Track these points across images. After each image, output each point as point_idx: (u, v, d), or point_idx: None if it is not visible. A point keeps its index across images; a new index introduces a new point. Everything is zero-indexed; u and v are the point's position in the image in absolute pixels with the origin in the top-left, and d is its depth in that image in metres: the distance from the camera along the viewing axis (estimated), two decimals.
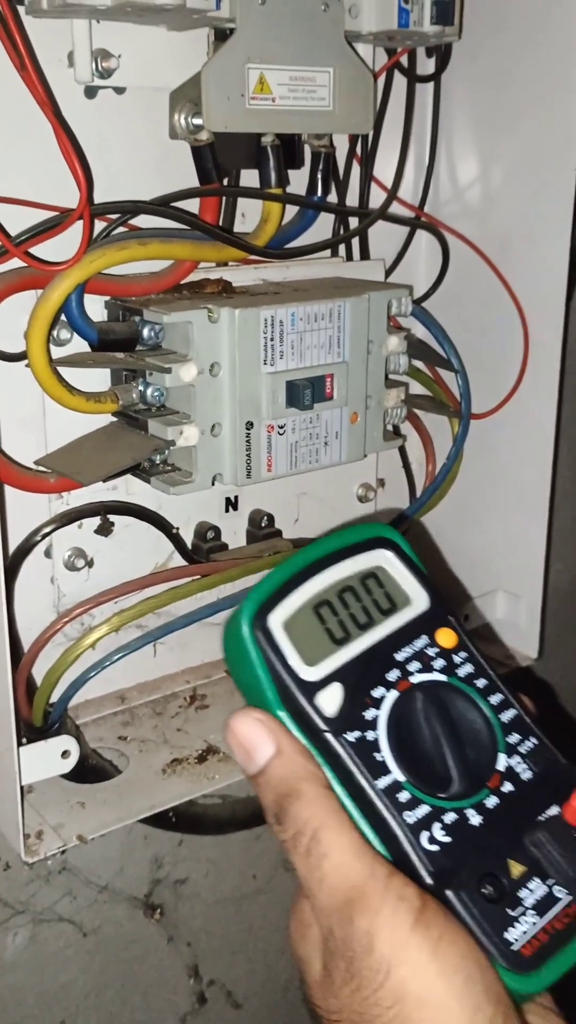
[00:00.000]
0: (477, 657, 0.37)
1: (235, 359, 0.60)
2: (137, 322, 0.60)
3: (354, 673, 0.35)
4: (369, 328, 0.66)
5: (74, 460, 0.60)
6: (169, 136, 0.61)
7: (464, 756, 0.35)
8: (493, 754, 0.36)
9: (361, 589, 0.37)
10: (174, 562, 0.68)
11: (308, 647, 0.35)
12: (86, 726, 0.67)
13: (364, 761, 0.34)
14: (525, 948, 0.32)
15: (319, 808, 0.33)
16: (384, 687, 0.35)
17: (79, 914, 0.71)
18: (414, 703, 0.35)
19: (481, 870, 0.33)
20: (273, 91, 0.60)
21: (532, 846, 0.34)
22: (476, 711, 0.36)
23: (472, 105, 0.75)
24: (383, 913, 0.31)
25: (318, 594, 0.36)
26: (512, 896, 0.33)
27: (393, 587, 0.37)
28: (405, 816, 0.33)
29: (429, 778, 0.34)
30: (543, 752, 0.36)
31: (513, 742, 0.36)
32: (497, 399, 0.75)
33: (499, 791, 0.35)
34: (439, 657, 0.37)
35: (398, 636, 0.37)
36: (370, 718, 0.35)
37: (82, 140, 0.58)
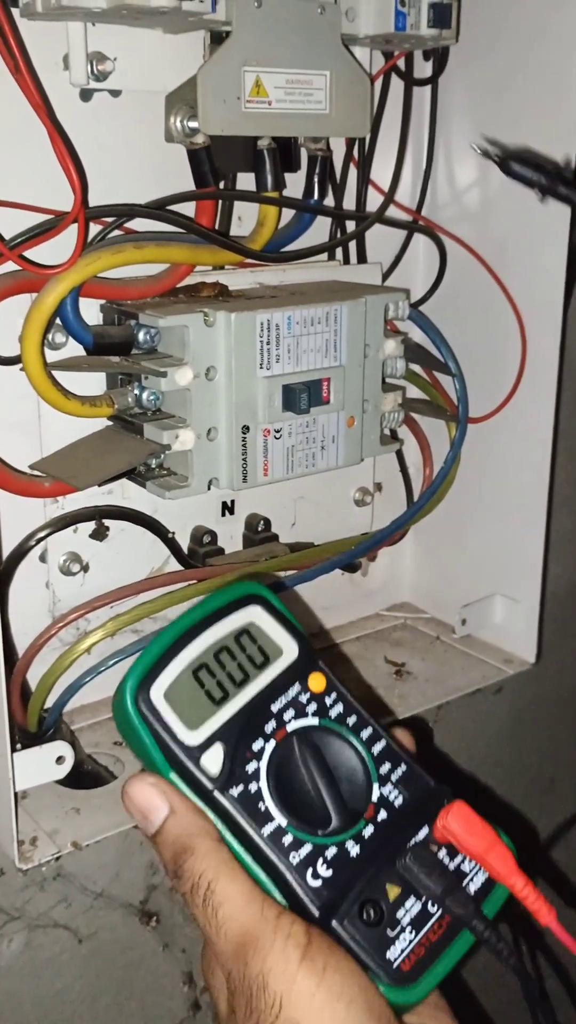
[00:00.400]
0: (346, 696, 0.40)
1: (231, 363, 0.59)
2: (133, 326, 0.59)
3: (234, 730, 0.38)
4: (366, 332, 0.66)
5: (69, 464, 0.60)
6: (165, 139, 0.60)
7: (340, 792, 0.38)
8: (367, 786, 0.39)
9: (236, 647, 0.40)
10: (170, 567, 0.68)
11: (189, 712, 0.38)
12: (81, 731, 0.67)
13: (249, 812, 0.37)
14: (405, 963, 0.36)
15: (211, 861, 0.36)
16: (263, 739, 0.38)
17: (74, 920, 0.71)
18: (291, 750, 0.38)
19: (362, 897, 0.36)
20: (269, 94, 0.59)
21: (405, 868, 0.37)
22: (349, 747, 0.39)
23: (470, 108, 0.75)
24: (273, 953, 0.34)
25: (196, 659, 0.39)
26: (391, 917, 0.36)
27: (265, 640, 0.40)
28: (291, 858, 0.37)
29: (309, 818, 0.37)
30: (413, 777, 0.40)
31: (385, 772, 0.39)
32: (495, 403, 0.75)
33: (375, 820, 0.38)
34: (311, 702, 0.40)
35: (273, 687, 0.40)
36: (251, 771, 0.38)
37: (77, 143, 0.58)
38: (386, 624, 0.85)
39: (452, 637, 0.81)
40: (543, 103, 0.69)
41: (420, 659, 0.80)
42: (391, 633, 0.84)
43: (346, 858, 0.37)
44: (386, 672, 0.78)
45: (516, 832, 0.39)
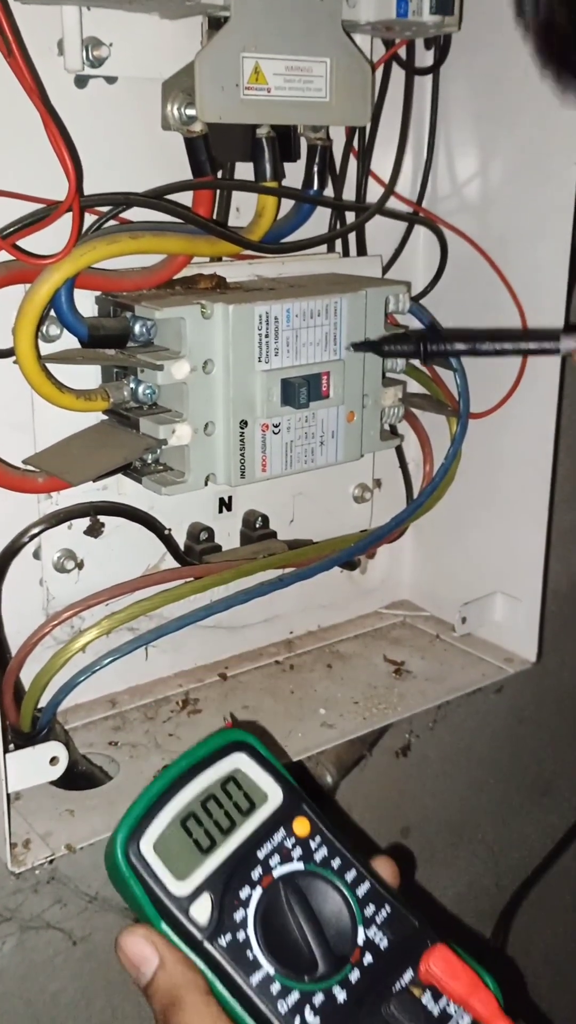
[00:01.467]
0: (330, 839, 0.41)
1: (229, 356, 0.58)
2: (128, 318, 0.58)
3: (221, 878, 0.39)
4: (366, 325, 0.64)
5: (63, 459, 0.59)
6: (162, 127, 0.59)
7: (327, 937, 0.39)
8: (353, 929, 0.39)
9: (222, 794, 0.40)
10: (166, 564, 0.67)
11: (178, 862, 0.38)
12: (76, 731, 0.66)
13: (238, 961, 0.38)
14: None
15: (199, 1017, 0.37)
16: (249, 886, 0.39)
17: (68, 922, 0.70)
18: (278, 896, 0.39)
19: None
20: (268, 81, 0.58)
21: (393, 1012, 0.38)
22: (334, 891, 0.40)
23: (471, 98, 0.74)
24: None
25: (183, 808, 0.39)
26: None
27: (250, 786, 0.41)
28: (279, 1006, 0.37)
29: (297, 965, 0.38)
30: (397, 918, 0.40)
31: (369, 914, 0.40)
32: (496, 398, 0.74)
33: (361, 964, 0.39)
34: (296, 846, 0.40)
35: (258, 834, 0.40)
36: (239, 919, 0.38)
37: (72, 131, 0.57)
38: (385, 622, 0.84)
39: (452, 635, 0.80)
40: (546, 92, 0.68)
41: (420, 658, 0.79)
42: (390, 631, 0.83)
43: (333, 1004, 0.38)
44: (385, 671, 0.77)
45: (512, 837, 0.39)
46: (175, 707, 0.69)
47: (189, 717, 0.69)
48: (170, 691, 0.71)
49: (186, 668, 0.73)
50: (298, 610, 0.78)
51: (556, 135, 0.68)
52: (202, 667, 0.73)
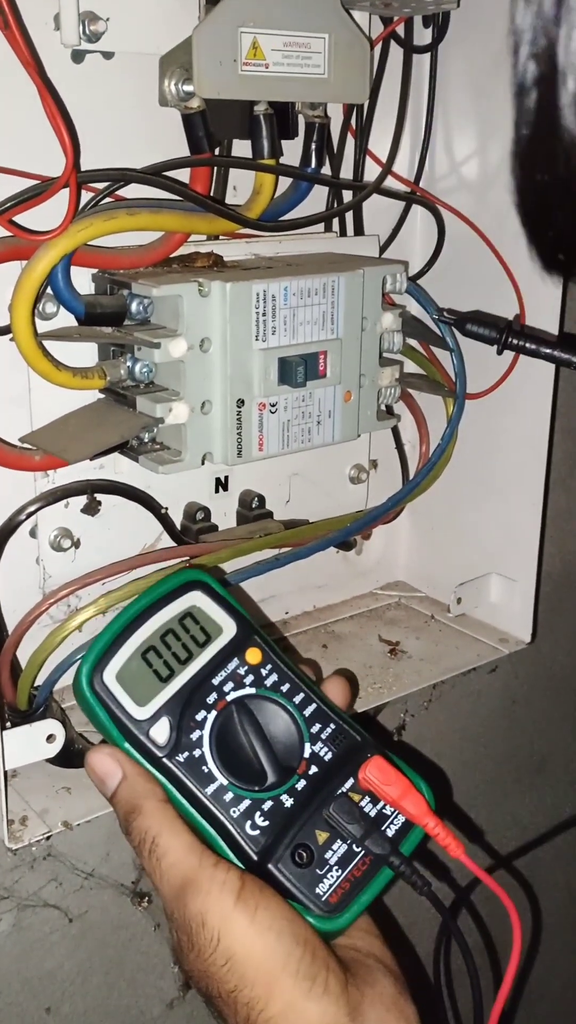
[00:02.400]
0: (280, 666, 0.46)
1: (226, 334, 0.58)
2: (125, 295, 0.58)
3: (179, 704, 0.44)
4: (363, 304, 0.64)
5: (60, 437, 0.59)
6: (159, 103, 0.59)
7: (277, 751, 0.44)
8: (300, 745, 0.44)
9: (180, 629, 0.45)
10: (162, 543, 0.67)
11: (139, 690, 0.43)
12: (72, 710, 0.66)
13: (194, 775, 0.43)
14: (332, 897, 0.42)
15: (155, 819, 0.42)
16: (205, 710, 0.44)
17: (65, 900, 0.70)
18: (231, 717, 0.44)
19: (294, 843, 0.42)
20: (267, 57, 0.58)
21: (330, 816, 0.43)
22: (283, 712, 0.45)
23: (470, 77, 0.73)
24: (211, 895, 0.40)
25: (144, 641, 0.44)
26: (320, 859, 0.42)
27: (206, 621, 0.45)
28: (232, 812, 0.42)
29: (248, 776, 0.43)
30: (342, 733, 0.45)
31: (315, 731, 0.45)
32: (493, 379, 0.73)
33: (307, 774, 0.44)
34: (249, 674, 0.45)
35: (213, 663, 0.45)
36: (195, 738, 0.43)
37: (69, 107, 0.56)
38: (380, 603, 0.84)
39: (447, 616, 0.81)
40: None
41: (415, 638, 0.79)
42: (385, 612, 0.83)
43: (281, 809, 0.43)
44: (380, 651, 0.77)
45: (505, 816, 0.42)
46: None
47: None
48: None
49: None
50: (294, 590, 0.78)
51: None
52: None
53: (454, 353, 0.71)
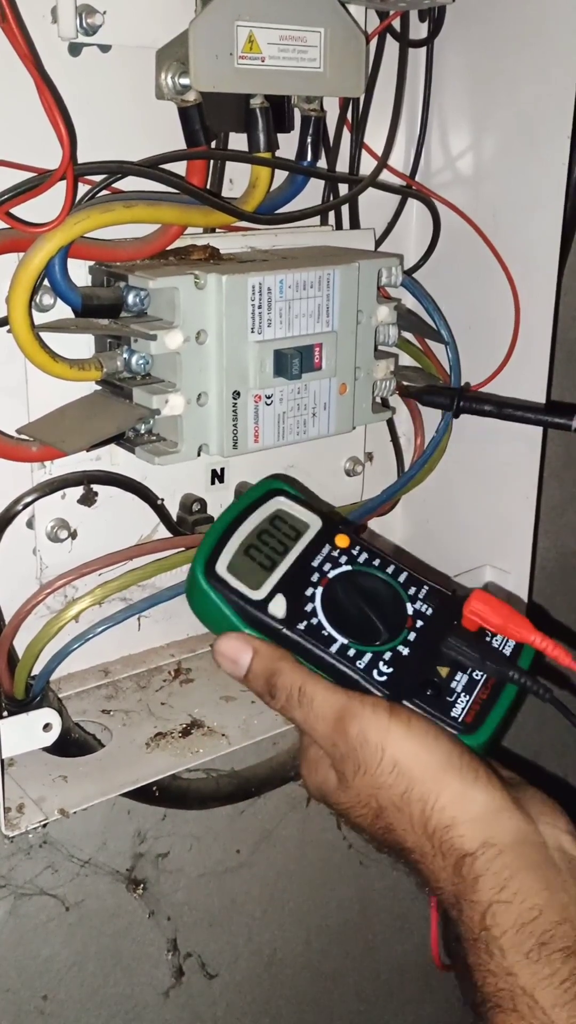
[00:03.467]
0: (369, 547, 0.51)
1: (222, 327, 0.58)
2: (122, 288, 0.58)
3: (287, 584, 0.48)
4: (359, 297, 0.65)
5: (57, 428, 0.59)
6: (155, 96, 0.59)
7: (383, 613, 0.48)
8: (402, 606, 0.49)
9: (272, 528, 0.50)
10: (159, 534, 0.67)
11: (250, 578, 0.48)
12: (69, 699, 0.67)
13: (316, 639, 0.47)
14: (467, 717, 0.45)
15: (296, 674, 0.46)
16: (312, 587, 0.48)
17: (61, 888, 0.71)
18: (336, 590, 0.49)
19: (421, 680, 0.46)
20: (263, 50, 0.58)
21: (449, 652, 0.47)
22: (380, 582, 0.50)
23: (465, 71, 0.73)
24: (366, 716, 0.44)
25: (244, 540, 0.49)
26: (448, 688, 0.46)
27: (293, 520, 0.51)
28: (358, 664, 0.46)
29: (365, 635, 0.47)
30: (435, 592, 0.50)
31: (412, 593, 0.50)
32: (487, 372, 0.74)
33: (415, 627, 0.48)
34: (342, 555, 0.50)
35: (309, 550, 0.50)
36: (309, 609, 0.48)
37: (65, 100, 0.57)
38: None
39: None
40: (540, 65, 0.68)
41: None
42: None
43: (400, 657, 0.47)
44: None
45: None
46: (167, 676, 0.70)
47: (181, 687, 0.69)
48: (162, 661, 0.71)
49: (179, 638, 0.73)
50: None
51: (549, 109, 0.68)
52: (194, 637, 0.74)
53: (449, 346, 0.72)
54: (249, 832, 0.83)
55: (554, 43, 0.67)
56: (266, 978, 0.88)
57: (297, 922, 0.89)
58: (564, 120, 0.67)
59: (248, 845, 0.83)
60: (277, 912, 0.87)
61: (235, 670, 0.47)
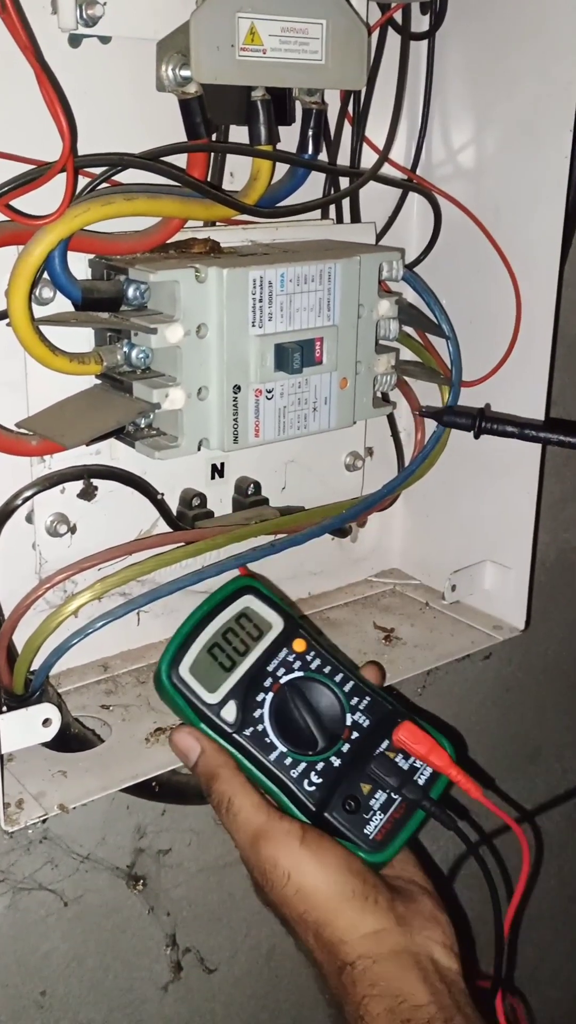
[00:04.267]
0: (322, 652, 0.55)
1: (223, 320, 0.58)
2: (122, 281, 0.58)
3: (242, 688, 0.53)
4: (360, 291, 0.64)
5: (56, 422, 0.59)
6: (156, 88, 0.58)
7: (323, 723, 0.53)
8: (342, 715, 0.54)
9: (237, 627, 0.54)
10: (159, 529, 0.67)
11: (209, 679, 0.53)
12: (68, 694, 0.67)
13: (259, 745, 0.52)
14: (377, 835, 0.51)
15: (229, 784, 0.52)
16: (263, 692, 0.53)
17: (60, 883, 0.71)
18: (285, 697, 0.53)
19: (344, 795, 0.52)
20: (264, 42, 0.58)
21: (375, 770, 0.52)
22: (327, 689, 0.54)
23: (467, 64, 0.73)
24: (280, 842, 0.49)
25: (209, 639, 0.54)
26: (366, 806, 0.52)
27: (258, 619, 0.55)
28: (291, 773, 0.52)
29: (302, 744, 0.53)
30: (376, 704, 0.55)
31: (354, 703, 0.54)
32: (488, 367, 0.74)
33: (350, 739, 0.53)
34: (296, 660, 0.55)
35: (267, 653, 0.54)
36: (257, 715, 0.53)
37: (66, 92, 0.56)
38: (375, 590, 0.84)
39: (441, 603, 0.81)
40: (542, 59, 0.68)
41: (409, 625, 0.79)
42: (380, 599, 0.83)
43: (331, 768, 0.52)
44: (375, 638, 0.77)
45: (498, 804, 0.52)
46: None
47: None
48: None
49: None
50: (289, 577, 0.78)
51: (551, 102, 0.68)
52: None
53: (450, 341, 0.72)
54: None
55: (557, 36, 0.66)
56: (265, 973, 0.88)
57: None
58: (566, 114, 0.67)
59: None
60: None
61: (184, 761, 0.54)
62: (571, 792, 1.10)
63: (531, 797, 1.07)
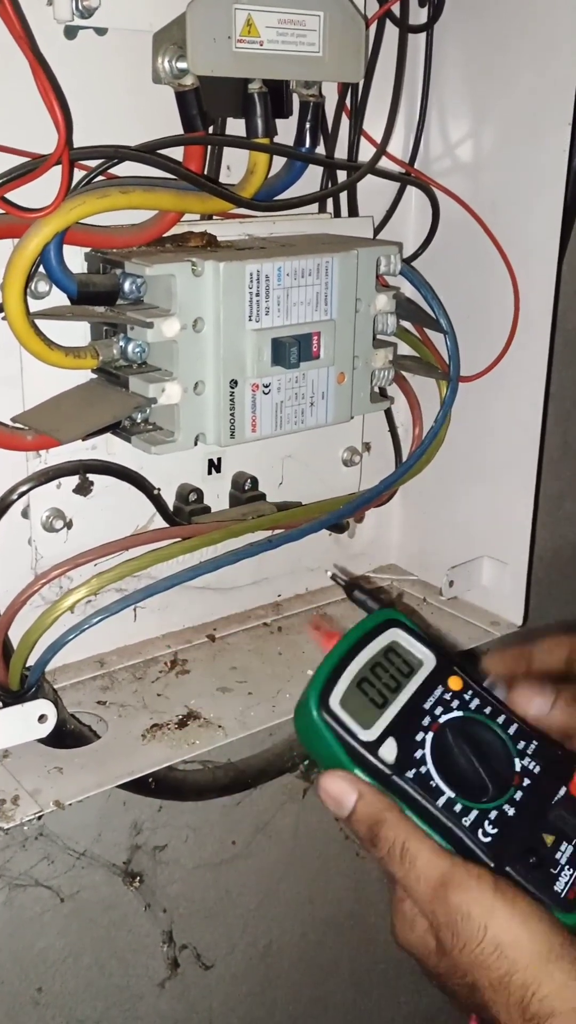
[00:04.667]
0: (481, 692, 0.48)
1: (219, 314, 0.58)
2: (118, 275, 0.58)
3: (399, 726, 0.46)
4: (357, 285, 0.64)
5: (52, 417, 0.58)
6: (152, 81, 0.58)
7: (491, 767, 0.46)
8: (510, 760, 0.47)
9: (385, 662, 0.48)
10: (155, 524, 0.66)
11: (361, 715, 0.46)
12: (64, 691, 0.66)
13: (424, 789, 0.45)
14: (570, 892, 0.43)
15: (401, 828, 0.44)
16: (423, 732, 0.46)
17: (56, 879, 0.70)
18: (446, 737, 0.46)
19: (525, 846, 0.44)
20: (261, 34, 0.57)
21: (556, 820, 0.45)
22: (490, 732, 0.47)
23: (465, 57, 0.73)
24: (471, 889, 0.42)
25: (357, 673, 0.47)
26: (551, 859, 0.44)
27: (407, 654, 0.49)
28: (463, 822, 0.44)
29: (471, 790, 0.45)
30: (545, 749, 0.47)
31: (522, 747, 0.47)
32: (486, 362, 0.73)
33: (522, 786, 0.46)
34: (454, 699, 0.48)
35: (421, 690, 0.48)
36: (419, 756, 0.46)
37: (61, 84, 0.56)
38: (373, 586, 0.84)
39: (439, 599, 0.81)
40: (541, 52, 0.67)
41: None
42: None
43: (505, 818, 0.45)
44: None
45: None
46: (163, 667, 0.70)
47: (177, 678, 0.69)
48: (158, 652, 0.71)
49: (174, 629, 0.73)
50: (286, 573, 0.78)
51: (550, 96, 0.67)
52: (190, 628, 0.74)
53: (448, 336, 0.71)
54: (245, 824, 0.83)
55: (555, 29, 0.66)
56: (261, 969, 0.88)
57: (293, 913, 0.89)
58: (565, 107, 0.67)
59: (244, 836, 0.83)
60: (273, 903, 0.87)
61: (338, 810, 0.46)
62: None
63: None
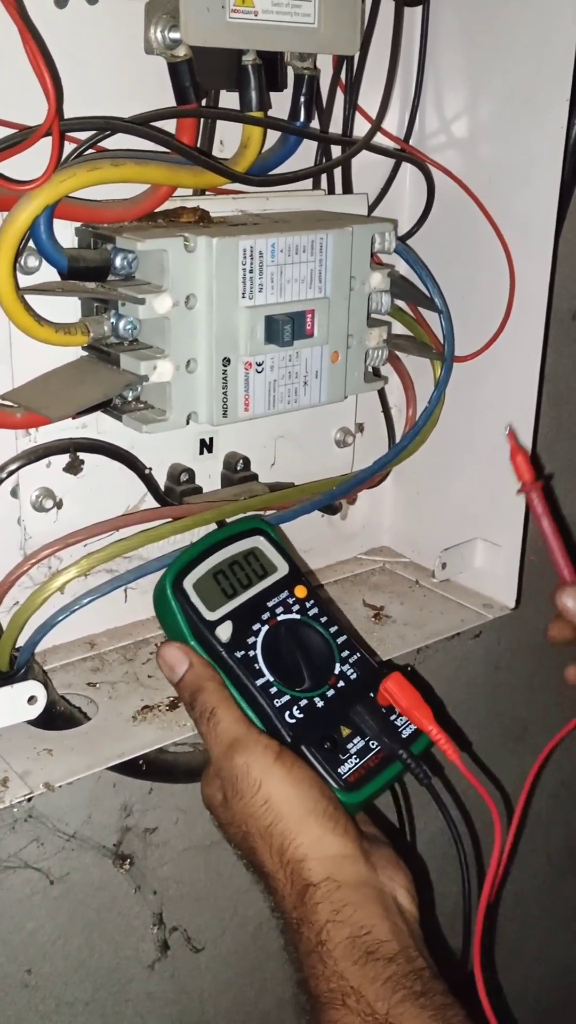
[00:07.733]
0: (321, 603, 0.57)
1: (212, 291, 0.57)
2: (109, 250, 0.57)
3: (240, 615, 0.54)
4: (352, 263, 0.63)
5: (42, 395, 0.57)
6: (144, 51, 0.57)
7: (312, 664, 0.54)
8: (331, 664, 0.55)
9: (244, 562, 0.56)
10: (146, 504, 0.66)
11: (209, 599, 0.54)
12: (54, 672, 0.66)
13: (247, 669, 0.53)
14: (351, 776, 0.51)
15: (215, 696, 0.52)
16: (260, 623, 0.55)
17: (46, 861, 0.70)
18: (279, 632, 0.55)
19: (324, 733, 0.52)
20: (256, 4, 0.56)
21: (355, 718, 0.53)
22: (320, 637, 0.56)
23: (462, 32, 0.72)
24: (255, 753, 0.50)
25: (215, 566, 0.55)
26: (342, 747, 0.52)
27: (265, 560, 0.57)
28: (275, 702, 0.52)
29: (290, 679, 0.54)
30: (363, 661, 0.56)
31: (345, 656, 0.56)
32: (481, 342, 0.73)
33: (335, 686, 0.55)
34: (296, 604, 0.56)
35: (268, 591, 0.56)
36: (251, 642, 0.54)
37: (52, 54, 0.54)
38: (365, 568, 0.84)
39: (432, 581, 0.80)
40: (538, 26, 0.66)
41: (399, 603, 0.79)
42: (370, 577, 0.83)
43: (314, 708, 0.53)
44: (364, 616, 0.77)
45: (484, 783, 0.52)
46: (154, 649, 0.69)
47: None
48: (149, 633, 0.70)
49: None
50: None
51: (547, 71, 0.66)
52: None
53: (443, 315, 0.70)
54: None
55: (554, 4, 0.65)
56: (252, 951, 0.88)
57: None
58: (563, 83, 0.65)
59: None
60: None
61: (170, 675, 0.54)
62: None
63: (520, 775, 1.07)
